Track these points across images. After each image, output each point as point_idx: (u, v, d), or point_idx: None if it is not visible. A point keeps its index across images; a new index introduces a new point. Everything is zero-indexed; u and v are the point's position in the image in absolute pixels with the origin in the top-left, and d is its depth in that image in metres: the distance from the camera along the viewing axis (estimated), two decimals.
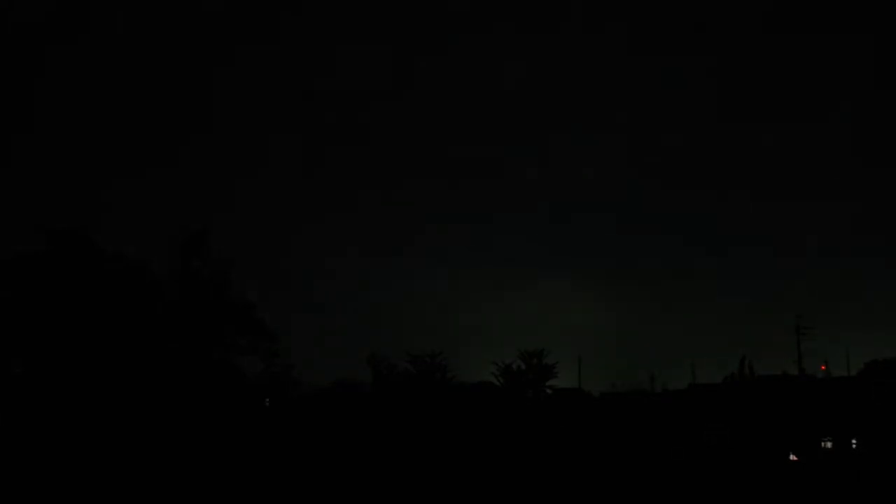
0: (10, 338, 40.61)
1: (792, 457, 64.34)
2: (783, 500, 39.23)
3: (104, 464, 37.04)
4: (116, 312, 41.41)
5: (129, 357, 41.01)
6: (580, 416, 71.86)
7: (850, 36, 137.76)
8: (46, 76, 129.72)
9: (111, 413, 39.38)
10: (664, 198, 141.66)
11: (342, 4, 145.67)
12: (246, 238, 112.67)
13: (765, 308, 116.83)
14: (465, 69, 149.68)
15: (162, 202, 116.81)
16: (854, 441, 66.24)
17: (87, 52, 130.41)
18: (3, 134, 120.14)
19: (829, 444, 67.06)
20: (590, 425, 69.94)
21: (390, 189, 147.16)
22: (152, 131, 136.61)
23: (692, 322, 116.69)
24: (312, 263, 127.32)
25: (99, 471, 36.28)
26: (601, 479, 45.45)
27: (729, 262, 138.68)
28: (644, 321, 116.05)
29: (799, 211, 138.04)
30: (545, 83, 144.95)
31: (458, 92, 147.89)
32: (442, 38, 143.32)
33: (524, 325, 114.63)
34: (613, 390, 79.13)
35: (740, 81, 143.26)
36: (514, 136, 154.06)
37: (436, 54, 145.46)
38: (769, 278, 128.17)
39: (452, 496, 37.94)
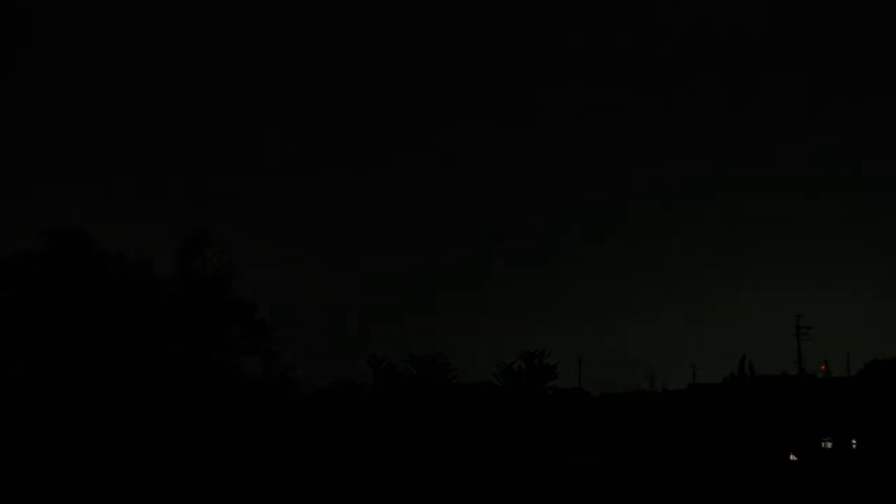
0: (9, 338, 40.52)
1: (792, 457, 64.35)
2: (783, 500, 39.21)
3: (104, 464, 37.01)
4: (117, 313, 41.32)
5: (129, 358, 40.94)
6: (580, 416, 71.85)
7: None
8: (46, 75, 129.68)
9: (111, 414, 39.32)
10: None
11: None
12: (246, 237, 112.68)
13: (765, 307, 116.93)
14: None
15: (162, 202, 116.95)
16: (854, 441, 66.26)
17: (86, 50, 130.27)
18: (3, 134, 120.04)
19: (829, 444, 67.08)
20: (590, 425, 69.94)
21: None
22: (153, 128, 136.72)
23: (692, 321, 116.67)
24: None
25: (99, 471, 36.26)
26: (602, 479, 45.45)
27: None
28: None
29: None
30: None
31: None
32: None
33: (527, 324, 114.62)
34: (613, 390, 79.19)
35: None
36: None
37: None
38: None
39: (453, 496, 37.94)
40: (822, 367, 75.44)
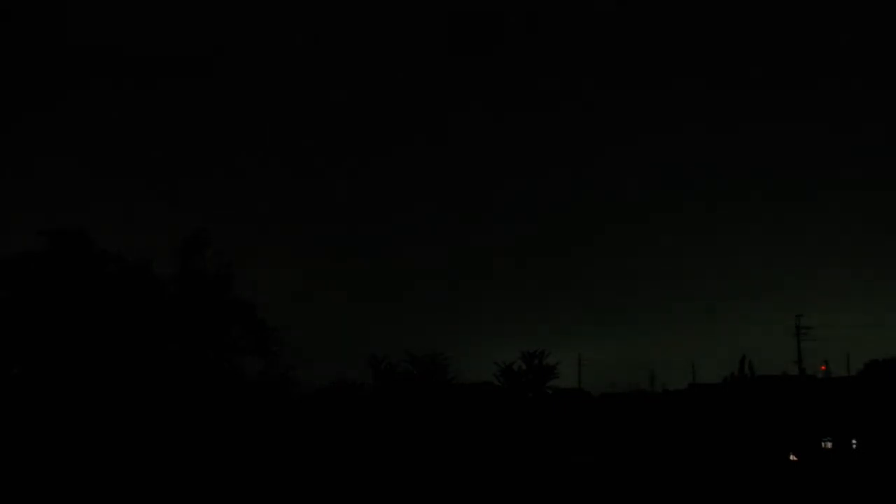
0: (9, 338, 40.50)
1: (792, 457, 64.35)
2: (783, 500, 39.22)
3: (104, 464, 37.01)
4: (116, 313, 41.32)
5: (129, 358, 40.94)
6: (580, 416, 71.90)
7: None
8: (45, 76, 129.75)
9: (111, 414, 39.32)
10: None
11: None
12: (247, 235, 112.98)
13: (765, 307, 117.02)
14: None
15: (162, 202, 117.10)
16: (854, 441, 66.27)
17: (86, 49, 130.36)
18: (3, 135, 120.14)
19: (829, 444, 67.10)
20: (590, 425, 69.99)
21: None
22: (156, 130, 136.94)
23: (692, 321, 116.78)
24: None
25: (98, 471, 36.26)
26: (602, 479, 45.47)
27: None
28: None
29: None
30: None
31: None
32: None
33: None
34: (613, 390, 79.27)
35: None
36: None
37: None
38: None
39: (454, 497, 37.95)
40: (822, 367, 75.53)
